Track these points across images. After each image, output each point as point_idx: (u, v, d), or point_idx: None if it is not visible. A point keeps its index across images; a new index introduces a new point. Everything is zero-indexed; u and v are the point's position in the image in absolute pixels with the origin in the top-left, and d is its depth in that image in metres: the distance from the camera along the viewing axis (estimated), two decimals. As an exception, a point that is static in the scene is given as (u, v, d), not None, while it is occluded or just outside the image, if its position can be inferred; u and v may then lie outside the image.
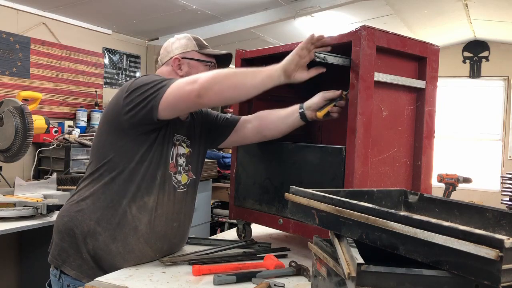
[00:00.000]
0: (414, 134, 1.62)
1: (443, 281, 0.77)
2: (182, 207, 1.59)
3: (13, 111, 2.65)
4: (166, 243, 1.54)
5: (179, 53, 1.62)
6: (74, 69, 3.94)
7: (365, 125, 1.41)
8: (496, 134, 6.27)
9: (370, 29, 1.40)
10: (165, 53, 1.65)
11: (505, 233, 1.04)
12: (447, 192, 4.00)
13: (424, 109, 1.60)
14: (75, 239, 1.46)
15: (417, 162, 1.61)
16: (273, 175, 1.68)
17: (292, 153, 1.62)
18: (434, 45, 1.62)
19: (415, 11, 4.52)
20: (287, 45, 1.66)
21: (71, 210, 1.51)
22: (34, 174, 3.44)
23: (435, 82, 1.63)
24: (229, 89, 1.39)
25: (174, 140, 1.55)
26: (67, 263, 1.47)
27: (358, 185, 1.40)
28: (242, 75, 1.41)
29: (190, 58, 1.62)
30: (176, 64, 1.61)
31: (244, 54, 1.85)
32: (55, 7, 3.59)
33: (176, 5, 3.67)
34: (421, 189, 1.58)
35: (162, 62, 1.65)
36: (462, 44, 6.30)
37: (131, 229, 1.46)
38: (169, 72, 1.62)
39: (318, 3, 3.78)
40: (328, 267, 0.97)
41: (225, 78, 1.38)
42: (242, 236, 1.82)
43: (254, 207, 1.74)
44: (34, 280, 3.15)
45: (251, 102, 1.89)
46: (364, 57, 1.39)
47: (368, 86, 1.42)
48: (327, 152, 1.50)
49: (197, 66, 1.62)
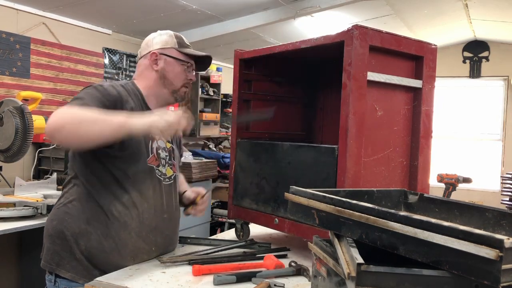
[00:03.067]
0: (411, 134, 1.60)
1: (443, 281, 0.77)
2: (171, 199, 1.60)
3: (13, 111, 2.65)
4: (159, 235, 1.54)
5: (158, 48, 1.60)
6: (74, 69, 3.94)
7: (357, 125, 1.41)
8: (496, 134, 6.27)
9: (362, 29, 1.40)
10: (145, 47, 1.63)
11: (505, 233, 1.04)
12: (447, 192, 4.00)
13: (421, 108, 1.59)
14: (66, 241, 1.46)
15: (414, 162, 1.60)
16: (269, 175, 1.68)
17: (287, 153, 1.62)
18: (431, 44, 1.61)
19: (415, 11, 4.52)
20: (283, 45, 1.67)
21: (59, 213, 1.51)
22: (34, 174, 3.44)
23: (432, 82, 1.61)
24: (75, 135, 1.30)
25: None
26: (61, 266, 1.47)
27: (351, 185, 1.39)
28: (91, 123, 1.30)
29: (168, 55, 1.60)
30: (153, 58, 1.59)
31: (242, 54, 1.85)
32: (55, 7, 3.59)
33: (176, 5, 3.67)
34: (418, 189, 1.56)
35: (141, 55, 1.65)
36: (462, 44, 6.30)
37: (121, 225, 1.46)
38: (145, 66, 1.61)
39: (318, 3, 3.78)
40: (328, 267, 0.97)
41: (71, 123, 1.29)
42: (241, 235, 1.82)
43: (251, 207, 1.74)
44: (34, 280, 3.14)
45: (249, 103, 1.89)
46: (356, 57, 1.39)
47: (361, 86, 1.41)
48: (320, 151, 1.50)
49: (173, 64, 1.61)
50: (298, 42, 1.60)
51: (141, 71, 1.63)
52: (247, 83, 1.89)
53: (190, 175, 3.76)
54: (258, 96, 1.91)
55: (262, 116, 1.85)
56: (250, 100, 1.89)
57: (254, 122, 1.88)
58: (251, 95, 1.90)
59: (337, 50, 1.45)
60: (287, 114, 2.02)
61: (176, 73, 1.61)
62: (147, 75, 1.61)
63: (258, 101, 1.91)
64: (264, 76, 1.93)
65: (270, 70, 1.93)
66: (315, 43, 1.54)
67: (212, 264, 1.42)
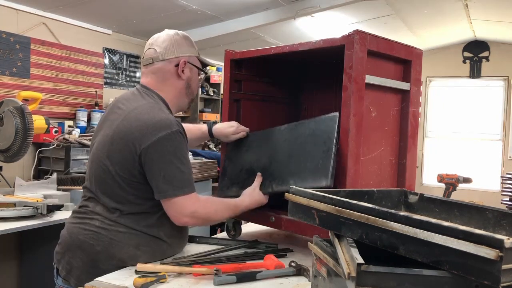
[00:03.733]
0: (399, 134, 1.68)
1: (443, 281, 0.77)
2: None
3: (13, 111, 2.65)
4: (186, 239, 1.64)
5: (187, 55, 1.55)
6: (74, 69, 3.94)
7: (357, 126, 1.46)
8: (496, 134, 6.27)
9: (362, 33, 1.45)
10: (171, 49, 1.53)
11: (505, 233, 1.04)
12: (447, 192, 4.00)
13: (409, 109, 1.67)
14: (112, 265, 1.41)
15: (402, 160, 1.67)
16: (262, 158, 1.69)
17: (283, 134, 1.65)
18: (417, 49, 1.70)
19: (415, 11, 4.53)
20: (279, 47, 1.69)
21: (100, 238, 1.42)
22: (34, 174, 3.44)
23: (419, 84, 1.70)
24: (208, 222, 1.54)
25: None
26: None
27: (351, 183, 1.43)
28: (228, 213, 1.58)
29: (193, 63, 1.58)
30: (182, 66, 1.53)
31: (234, 55, 1.86)
32: (55, 7, 3.59)
33: (176, 5, 3.67)
34: (406, 186, 1.64)
35: (164, 58, 1.52)
36: (462, 44, 6.30)
37: (166, 247, 1.50)
38: (171, 72, 1.53)
39: (318, 3, 3.78)
40: (328, 267, 0.97)
41: (218, 218, 1.57)
42: (232, 234, 1.81)
43: (239, 194, 1.66)
44: (34, 280, 3.15)
45: (239, 102, 1.90)
46: (357, 60, 1.44)
47: (360, 88, 1.46)
48: (321, 121, 1.53)
49: (196, 73, 1.60)
50: (296, 44, 1.62)
51: (166, 78, 1.53)
52: (237, 83, 1.91)
53: (190, 175, 3.75)
54: (247, 96, 1.93)
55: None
56: (240, 100, 1.91)
57: (242, 121, 1.87)
58: (241, 95, 1.91)
59: (332, 53, 1.48)
60: (273, 113, 2.06)
61: (197, 83, 1.62)
62: (173, 83, 1.54)
63: (247, 100, 1.93)
64: (253, 76, 1.95)
65: (259, 70, 1.96)
66: (314, 46, 1.56)
67: (212, 264, 1.42)
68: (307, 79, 2.15)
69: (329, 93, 2.02)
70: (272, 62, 1.94)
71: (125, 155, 1.41)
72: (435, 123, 6.63)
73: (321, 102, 2.10)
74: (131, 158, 1.40)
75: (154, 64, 1.54)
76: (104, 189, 1.46)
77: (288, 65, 2.05)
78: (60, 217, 2.48)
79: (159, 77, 1.54)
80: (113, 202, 1.44)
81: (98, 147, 1.49)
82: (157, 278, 1.28)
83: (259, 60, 1.89)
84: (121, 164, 1.42)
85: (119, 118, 1.45)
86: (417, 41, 5.58)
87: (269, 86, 2.03)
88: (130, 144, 1.40)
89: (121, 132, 1.42)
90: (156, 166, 1.39)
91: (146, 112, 1.42)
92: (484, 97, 6.35)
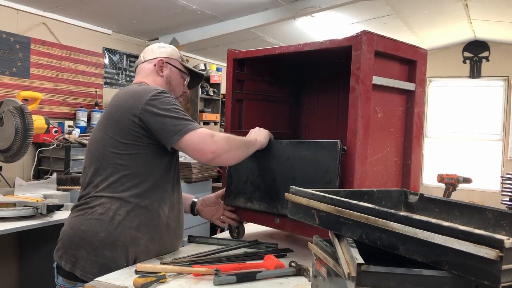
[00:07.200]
0: (404, 134, 1.67)
1: (443, 281, 0.77)
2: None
3: (13, 111, 2.65)
4: (182, 227, 1.69)
5: (165, 56, 1.70)
6: (74, 69, 3.94)
7: (364, 127, 1.45)
8: (496, 134, 6.28)
9: (369, 34, 1.44)
10: (150, 52, 1.72)
11: (505, 233, 1.04)
12: (447, 192, 4.00)
13: (414, 110, 1.66)
14: (116, 251, 1.45)
15: (407, 161, 1.67)
16: (265, 172, 1.68)
17: (285, 150, 1.63)
18: (422, 49, 1.69)
19: (415, 11, 4.53)
20: (284, 47, 1.69)
21: (103, 225, 1.46)
22: (34, 174, 3.44)
23: (423, 85, 1.70)
24: (234, 158, 1.54)
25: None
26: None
27: (358, 184, 1.43)
28: (246, 148, 1.58)
29: (173, 65, 1.71)
30: (159, 65, 1.68)
31: (237, 54, 1.86)
32: (55, 7, 3.59)
33: (176, 5, 3.67)
34: (410, 187, 1.62)
35: (145, 59, 1.71)
36: (462, 44, 6.30)
37: (164, 227, 1.55)
38: (150, 70, 1.69)
39: (318, 3, 3.78)
40: (328, 267, 0.97)
41: (238, 148, 1.53)
42: (235, 235, 1.81)
43: (246, 206, 1.71)
44: (34, 280, 3.15)
45: (242, 102, 1.90)
46: (364, 61, 1.43)
47: (367, 89, 1.46)
48: (322, 146, 1.51)
49: (176, 73, 1.73)
50: (301, 44, 1.62)
51: (147, 74, 1.69)
52: (239, 82, 1.91)
53: (190, 175, 3.75)
54: (250, 96, 1.93)
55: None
56: (242, 99, 1.91)
57: (245, 120, 1.91)
58: (243, 94, 1.91)
59: (339, 54, 1.47)
60: (275, 113, 2.06)
61: (177, 83, 1.74)
62: (154, 79, 1.68)
63: (249, 100, 1.93)
64: (255, 75, 1.95)
65: (261, 70, 1.96)
66: (320, 46, 1.55)
67: (212, 264, 1.42)
68: (308, 79, 2.14)
69: (331, 92, 2.02)
70: (274, 61, 1.94)
71: (123, 121, 1.48)
72: (435, 123, 6.64)
73: (322, 101, 2.10)
74: (130, 123, 1.47)
75: (138, 66, 1.75)
76: (104, 167, 1.50)
77: (290, 65, 2.05)
78: (60, 217, 2.48)
79: (142, 75, 1.71)
80: (114, 183, 1.49)
81: (94, 132, 1.59)
82: (157, 278, 1.28)
83: (261, 60, 1.89)
84: (120, 129, 1.49)
85: (111, 103, 1.58)
86: (417, 41, 5.58)
87: (271, 85, 2.03)
88: (127, 112, 1.48)
89: (114, 106, 1.54)
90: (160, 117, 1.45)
91: (134, 87, 1.59)
92: (484, 97, 6.35)
